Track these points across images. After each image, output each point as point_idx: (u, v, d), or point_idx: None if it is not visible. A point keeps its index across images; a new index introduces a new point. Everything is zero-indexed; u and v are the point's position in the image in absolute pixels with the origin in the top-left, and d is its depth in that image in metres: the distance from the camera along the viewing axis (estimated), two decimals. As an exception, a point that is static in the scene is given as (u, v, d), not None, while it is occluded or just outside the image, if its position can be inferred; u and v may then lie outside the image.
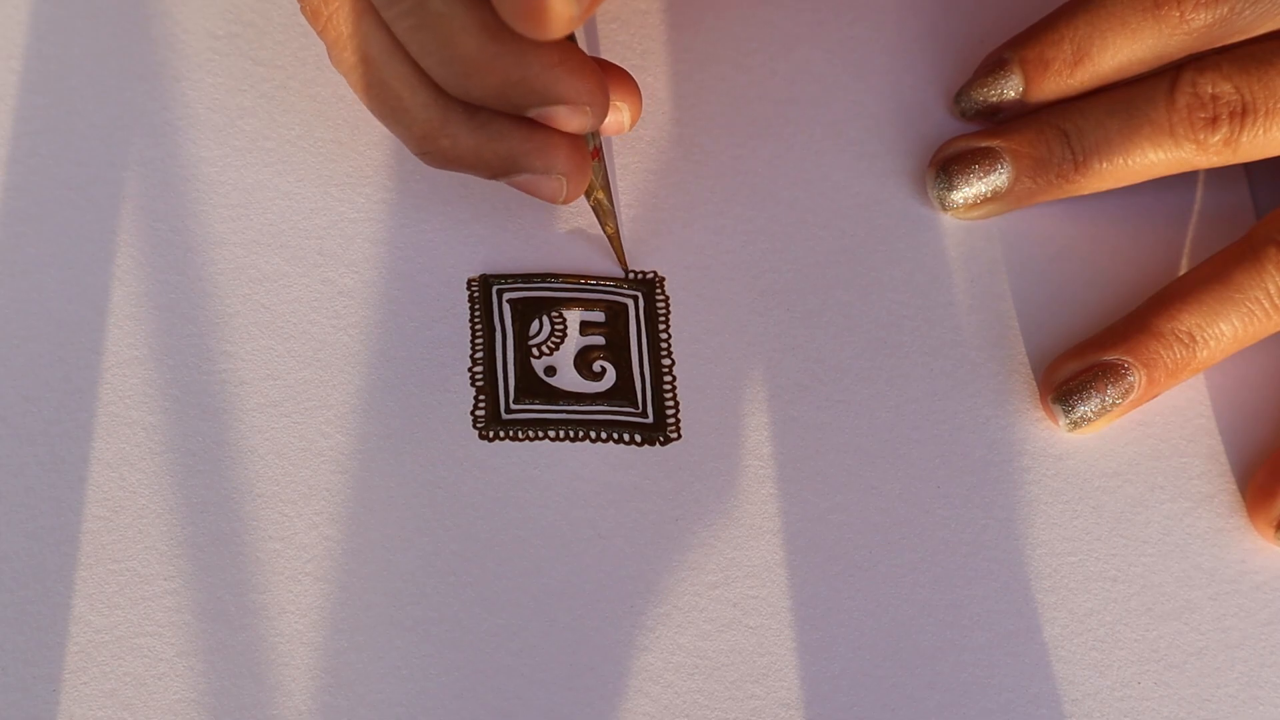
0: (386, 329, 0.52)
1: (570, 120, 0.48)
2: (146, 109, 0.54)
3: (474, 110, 0.49)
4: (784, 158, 0.55)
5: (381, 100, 0.49)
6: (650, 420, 0.52)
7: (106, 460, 0.50)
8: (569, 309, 0.53)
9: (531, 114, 0.48)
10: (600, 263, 0.53)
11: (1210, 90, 0.51)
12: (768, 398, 0.52)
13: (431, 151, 0.50)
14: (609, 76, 0.51)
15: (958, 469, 0.51)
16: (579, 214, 0.54)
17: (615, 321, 0.53)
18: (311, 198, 0.54)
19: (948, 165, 0.54)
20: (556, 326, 0.53)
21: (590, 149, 0.51)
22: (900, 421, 0.52)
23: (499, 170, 0.50)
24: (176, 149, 0.54)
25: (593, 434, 0.51)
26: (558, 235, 0.54)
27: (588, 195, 0.52)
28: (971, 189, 0.53)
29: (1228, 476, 0.52)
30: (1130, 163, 0.52)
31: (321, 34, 0.49)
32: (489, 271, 0.53)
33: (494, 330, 0.52)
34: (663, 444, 0.51)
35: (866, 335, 0.53)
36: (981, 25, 0.57)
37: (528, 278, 0.53)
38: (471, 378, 0.52)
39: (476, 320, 0.52)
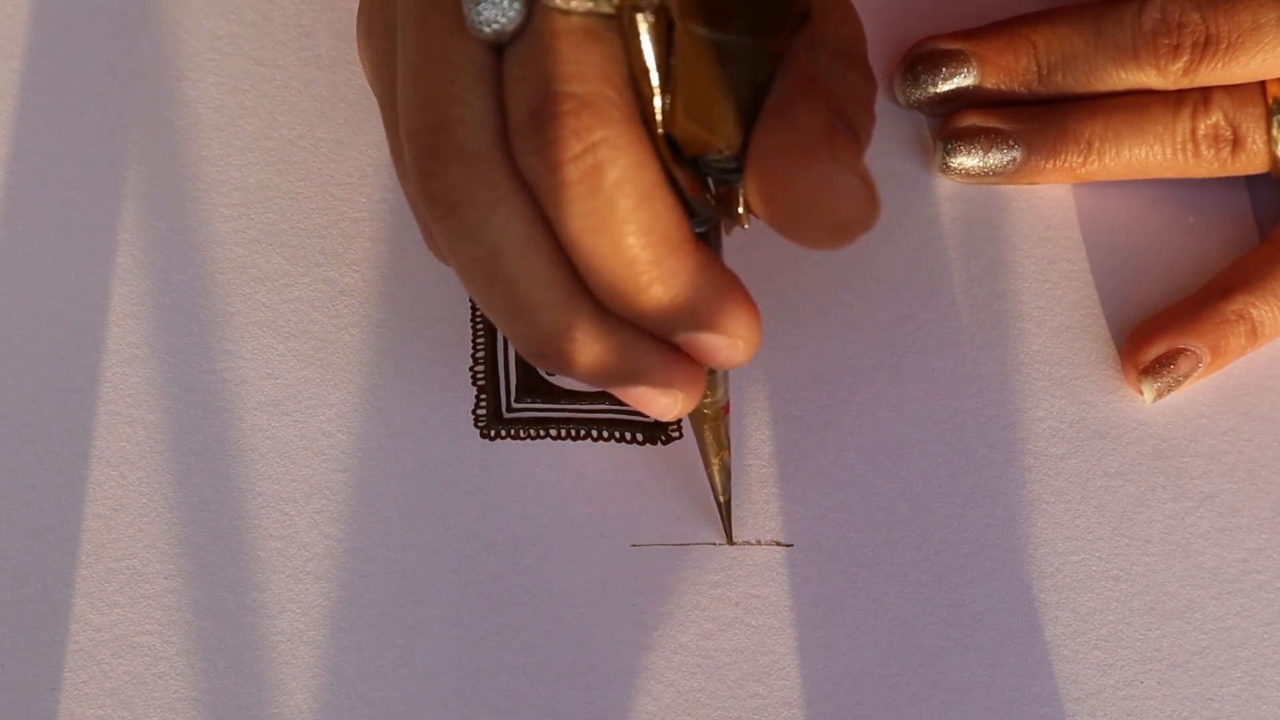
0: (387, 328, 0.52)
1: (719, 354, 0.45)
2: (147, 109, 0.54)
3: (604, 315, 0.45)
4: (785, 158, 0.55)
5: (505, 298, 0.44)
6: (651, 420, 0.51)
7: (107, 459, 0.50)
8: (570, 309, 0.53)
9: (680, 338, 0.45)
10: (601, 262, 0.53)
11: (1177, 18, 0.52)
12: (768, 397, 0.52)
13: (551, 355, 0.45)
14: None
15: (959, 468, 0.51)
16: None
17: (616, 321, 0.53)
18: (312, 197, 0.54)
19: (915, 65, 0.54)
20: (557, 326, 0.53)
21: (723, 404, 0.48)
22: (901, 421, 0.52)
23: (616, 381, 0.45)
24: (178, 148, 0.54)
25: (594, 433, 0.51)
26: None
27: (711, 455, 0.49)
28: (936, 88, 0.54)
29: (1229, 476, 0.52)
30: (1092, 79, 0.53)
31: (442, 220, 0.44)
32: (490, 271, 0.53)
33: (495, 329, 0.52)
34: (664, 443, 0.51)
35: (867, 334, 0.53)
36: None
37: (529, 277, 0.53)
38: (473, 376, 0.52)
39: (477, 319, 0.52)
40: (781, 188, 0.42)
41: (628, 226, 0.43)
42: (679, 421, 0.51)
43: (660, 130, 0.43)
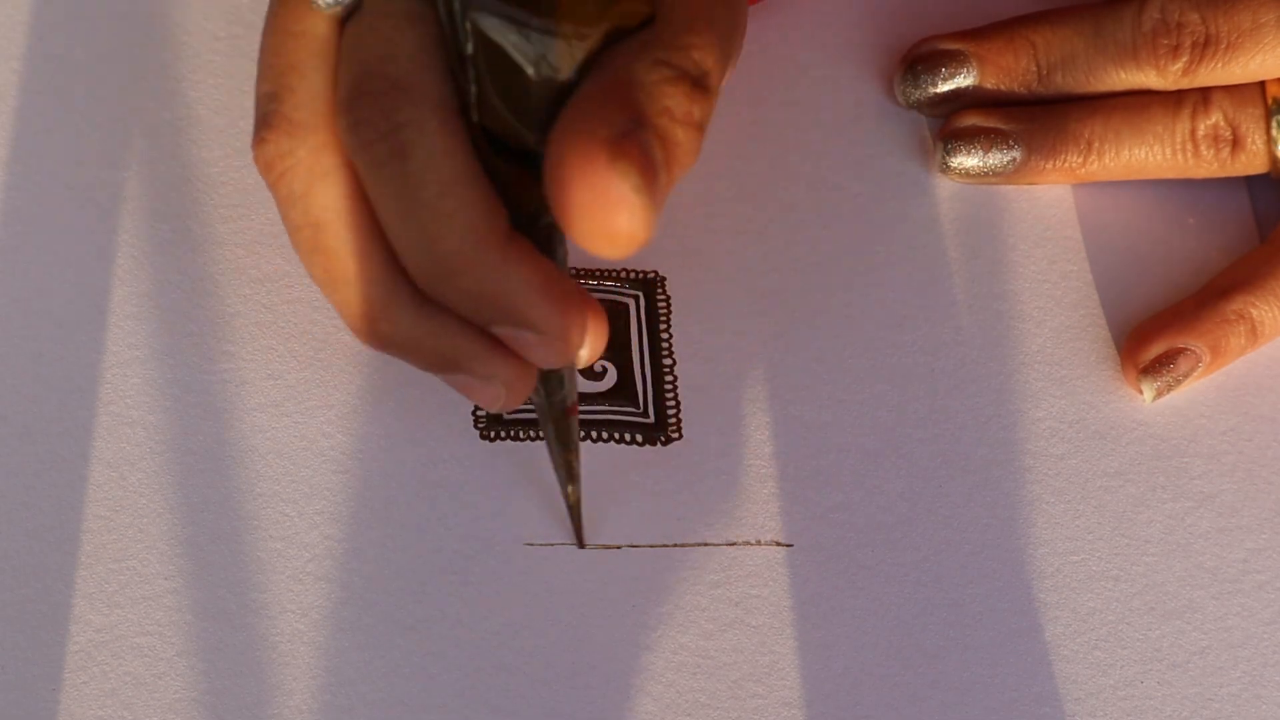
0: (387, 329, 0.52)
1: (535, 351, 0.45)
2: (148, 110, 0.54)
3: (421, 299, 0.45)
4: (785, 158, 0.55)
5: (325, 269, 0.45)
6: (651, 420, 0.51)
7: (107, 459, 0.50)
8: (570, 309, 0.53)
9: (496, 331, 0.45)
10: (600, 263, 0.53)
11: (1177, 18, 0.52)
12: (768, 397, 0.52)
13: (368, 333, 0.46)
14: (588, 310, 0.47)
15: (959, 469, 0.51)
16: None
17: (616, 321, 0.53)
18: (312, 198, 0.54)
19: (915, 65, 0.55)
20: (557, 326, 0.53)
21: (567, 404, 0.48)
22: (901, 421, 0.52)
23: (436, 366, 0.46)
24: (178, 150, 0.54)
25: (594, 434, 0.51)
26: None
27: (556, 456, 0.48)
28: (936, 88, 0.54)
29: (1229, 476, 0.52)
30: (1092, 79, 0.53)
31: (272, 187, 0.45)
32: (490, 271, 0.53)
33: (495, 330, 0.52)
34: (664, 444, 0.51)
35: (867, 335, 0.53)
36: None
37: (528, 278, 0.53)
38: (472, 377, 0.52)
39: (477, 320, 0.52)
40: (560, 189, 0.41)
41: (430, 213, 0.43)
42: (679, 422, 0.51)
43: (476, 120, 0.43)
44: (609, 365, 0.52)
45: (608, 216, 0.41)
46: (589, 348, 0.46)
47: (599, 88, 0.42)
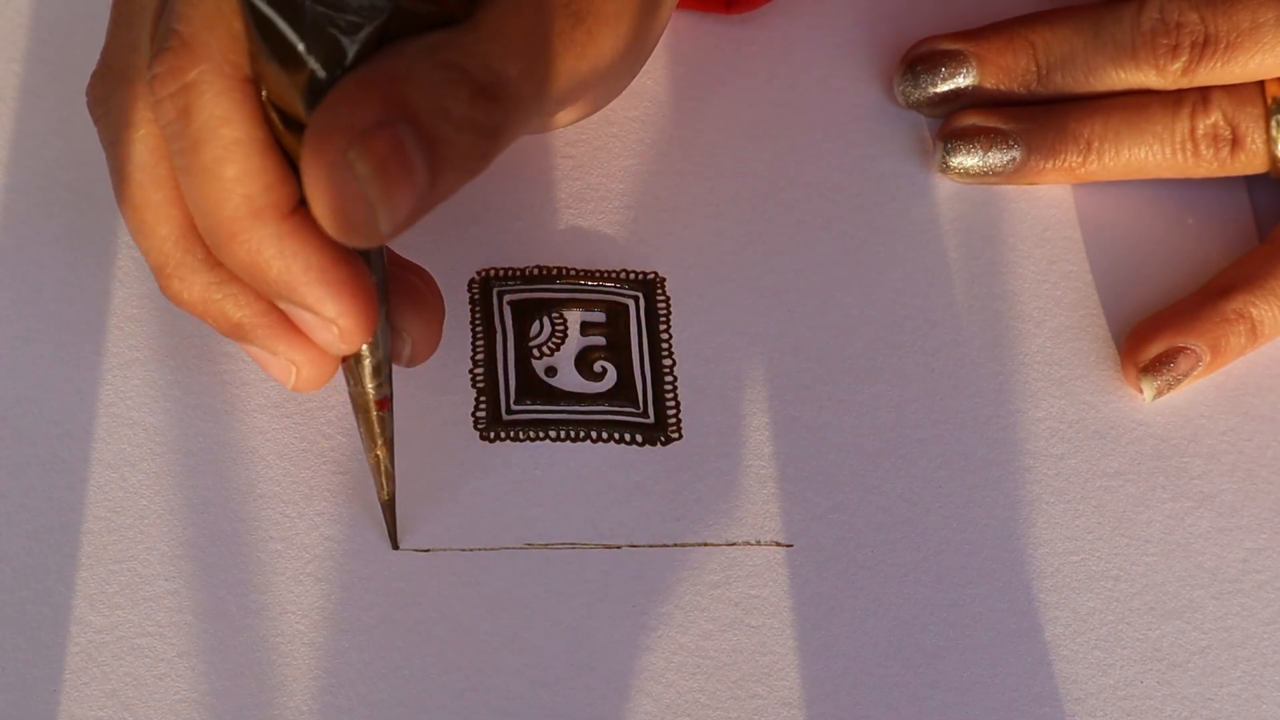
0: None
1: (315, 333, 0.44)
2: (147, 110, 0.54)
3: (215, 264, 0.45)
4: (784, 159, 0.55)
5: (129, 218, 0.46)
6: (651, 420, 0.52)
7: (107, 461, 0.50)
8: (569, 309, 0.53)
9: (280, 305, 0.45)
10: (601, 263, 0.53)
11: (1176, 18, 0.53)
12: (768, 398, 0.52)
13: (162, 286, 0.46)
14: (407, 297, 0.47)
15: (959, 469, 0.51)
16: (579, 213, 0.54)
17: (616, 322, 0.53)
18: (312, 199, 0.54)
19: (915, 65, 0.55)
20: (557, 327, 0.53)
21: (379, 397, 0.47)
22: (901, 421, 0.52)
23: (228, 332, 0.46)
24: (177, 150, 0.54)
25: (594, 434, 0.51)
26: (558, 235, 0.54)
27: (367, 451, 0.48)
28: (936, 88, 0.54)
29: (1229, 476, 0.52)
30: (1091, 79, 0.53)
31: (95, 126, 0.47)
32: (489, 273, 0.53)
33: (494, 331, 0.52)
34: (664, 444, 0.51)
35: (867, 335, 0.53)
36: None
37: (528, 279, 0.53)
38: (472, 379, 0.52)
39: (477, 321, 0.52)
40: (303, 170, 0.41)
41: (209, 176, 0.43)
42: (679, 422, 0.51)
43: (264, 94, 0.43)
44: (609, 366, 0.52)
45: (339, 204, 0.41)
46: (412, 346, 0.47)
47: (368, 77, 0.42)
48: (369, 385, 0.47)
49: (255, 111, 0.43)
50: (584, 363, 0.52)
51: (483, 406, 0.51)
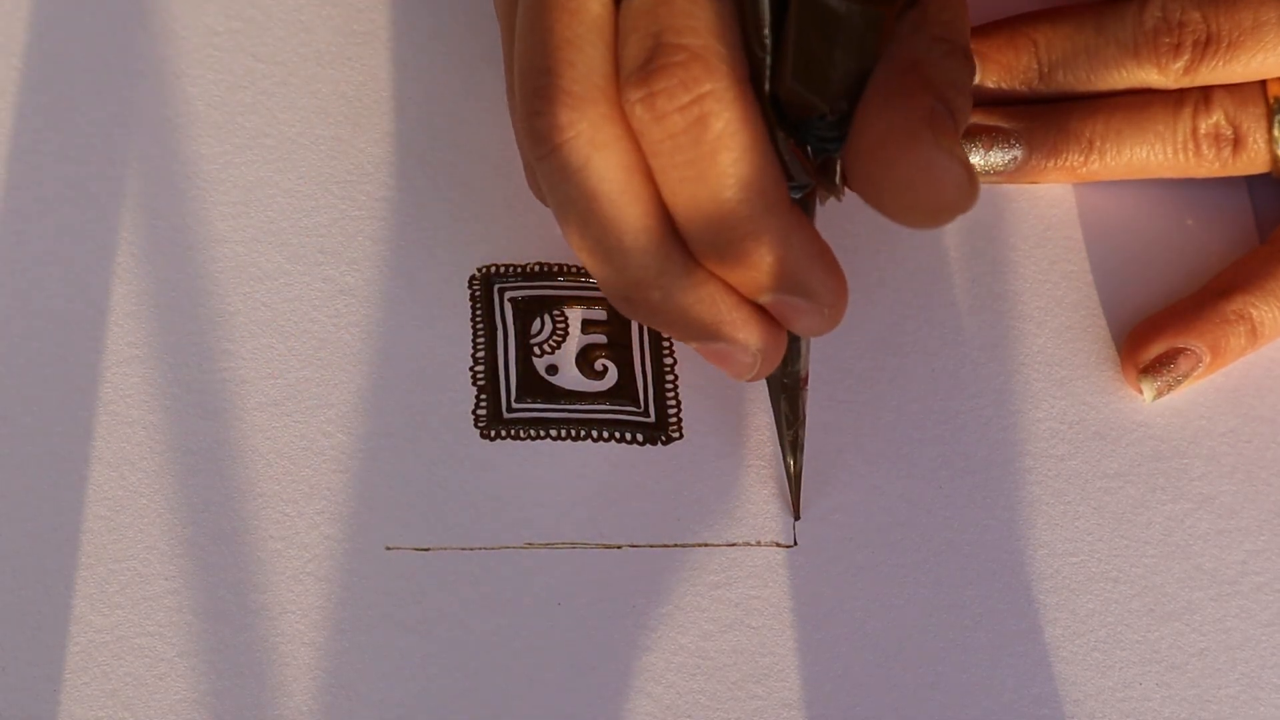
0: (388, 327, 0.52)
1: (805, 318, 0.46)
2: (146, 106, 0.54)
3: (693, 268, 0.46)
4: (785, 156, 0.55)
5: (598, 240, 0.46)
6: (652, 419, 0.51)
7: (107, 459, 0.50)
8: (571, 307, 0.53)
9: (765, 299, 0.46)
10: (602, 261, 0.53)
11: (1178, 16, 0.53)
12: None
13: (635, 300, 0.47)
14: None
15: (959, 469, 0.51)
16: (580, 213, 0.54)
17: (617, 320, 0.53)
18: (312, 195, 0.54)
19: None
20: (558, 325, 0.53)
21: (802, 375, 0.49)
22: (902, 421, 0.52)
23: (697, 334, 0.47)
24: (176, 146, 0.54)
25: (594, 433, 0.51)
26: (559, 234, 0.53)
27: (785, 428, 0.50)
28: None
29: (1229, 478, 0.52)
30: (1093, 77, 0.53)
31: (544, 159, 0.45)
32: (491, 270, 0.53)
33: (495, 328, 0.52)
34: (664, 443, 0.51)
35: (868, 335, 0.53)
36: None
37: (529, 276, 0.53)
38: (473, 376, 0.52)
39: (478, 319, 0.52)
40: (882, 170, 0.43)
41: (727, 179, 0.44)
42: (680, 422, 0.51)
43: (767, 90, 0.44)
44: (609, 364, 0.52)
45: (934, 190, 0.43)
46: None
47: (899, 67, 0.44)
48: (803, 363, 0.49)
49: (759, 111, 0.44)
50: (585, 361, 0.52)
51: (483, 404, 0.51)
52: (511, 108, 0.48)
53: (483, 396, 0.51)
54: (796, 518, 0.50)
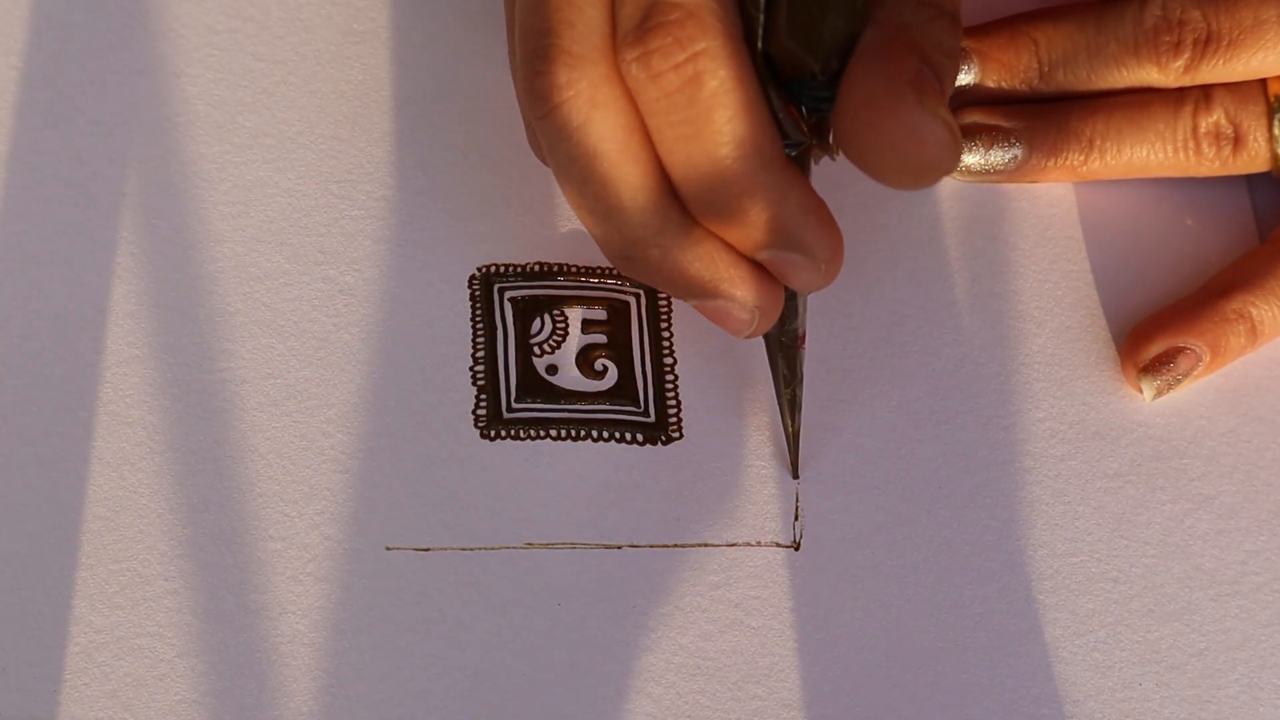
0: (387, 327, 0.52)
1: (801, 274, 0.47)
2: (146, 105, 0.54)
3: (691, 225, 0.46)
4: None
5: (597, 199, 0.46)
6: (652, 419, 0.51)
7: (107, 460, 0.50)
8: (570, 307, 0.53)
9: (762, 255, 0.46)
10: (603, 260, 0.53)
11: (1179, 15, 0.53)
12: (768, 398, 0.52)
13: (635, 258, 0.47)
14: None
15: (959, 469, 0.51)
16: (580, 212, 0.54)
17: (617, 319, 0.53)
18: (312, 195, 0.54)
19: None
20: (558, 325, 0.53)
21: (799, 333, 0.49)
22: (902, 421, 0.52)
23: (695, 292, 0.47)
24: (176, 146, 0.54)
25: (594, 433, 0.51)
26: (559, 233, 0.53)
27: (783, 387, 0.50)
28: None
29: (1229, 478, 0.52)
30: (1094, 76, 0.53)
31: (541, 119, 0.46)
32: (490, 270, 0.53)
33: (495, 328, 0.52)
34: (664, 443, 0.51)
35: (868, 335, 0.53)
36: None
37: (529, 276, 0.53)
38: (473, 376, 0.52)
39: (478, 318, 0.52)
40: (869, 132, 0.44)
41: (722, 137, 0.44)
42: (680, 422, 0.51)
43: (760, 48, 0.45)
44: (609, 364, 0.52)
45: (918, 151, 0.44)
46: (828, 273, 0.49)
47: (885, 32, 0.45)
48: (796, 322, 0.49)
49: (753, 69, 0.45)
50: (585, 361, 0.52)
51: (483, 404, 0.51)
52: (513, 69, 0.48)
53: (483, 396, 0.51)
54: (795, 477, 0.51)
